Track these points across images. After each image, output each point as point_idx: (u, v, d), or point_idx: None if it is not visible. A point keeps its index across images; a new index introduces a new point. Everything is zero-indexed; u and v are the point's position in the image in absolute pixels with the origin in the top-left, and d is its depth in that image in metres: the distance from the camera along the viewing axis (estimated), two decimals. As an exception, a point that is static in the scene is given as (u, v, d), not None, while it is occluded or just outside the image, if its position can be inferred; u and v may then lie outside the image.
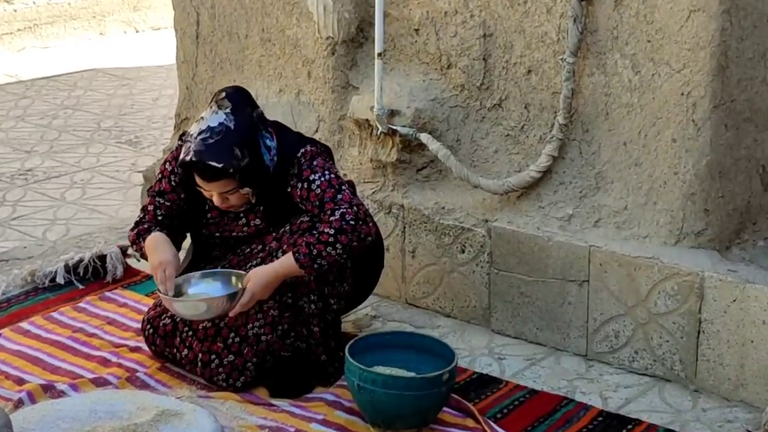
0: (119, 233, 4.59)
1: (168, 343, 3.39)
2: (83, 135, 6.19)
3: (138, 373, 3.36)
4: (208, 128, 3.17)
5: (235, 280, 3.30)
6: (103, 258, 4.12)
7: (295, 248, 3.17)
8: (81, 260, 4.10)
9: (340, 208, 3.17)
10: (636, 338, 3.39)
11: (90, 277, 4.10)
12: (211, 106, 3.22)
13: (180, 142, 3.34)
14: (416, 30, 3.81)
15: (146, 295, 3.95)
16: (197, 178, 3.21)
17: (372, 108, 3.78)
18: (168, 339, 3.38)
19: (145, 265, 3.73)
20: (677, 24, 3.23)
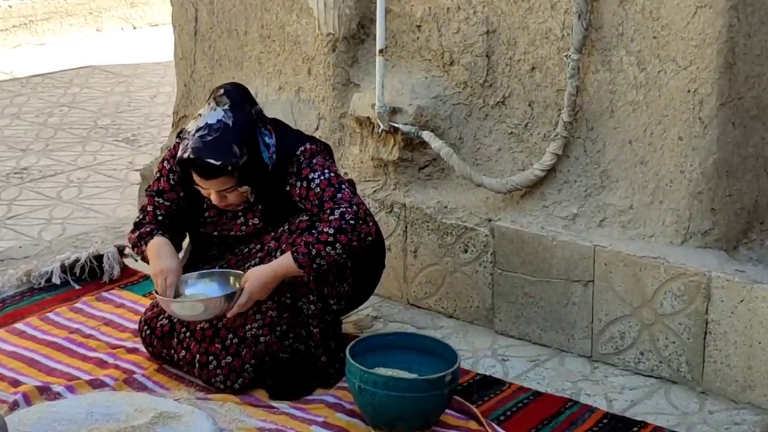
0: (116, 233, 4.59)
1: (165, 345, 3.38)
2: (79, 133, 6.19)
3: (135, 375, 3.36)
4: (206, 125, 3.17)
5: (232, 281, 3.30)
6: (99, 258, 4.12)
7: (293, 248, 3.17)
8: (77, 260, 4.10)
9: (340, 208, 3.17)
10: (642, 339, 3.39)
11: (86, 277, 4.10)
12: (209, 103, 3.22)
13: (178, 140, 3.34)
14: (418, 26, 3.81)
15: (143, 296, 3.94)
16: (195, 176, 3.21)
17: (373, 105, 3.78)
18: (165, 340, 3.38)
19: (143, 266, 3.74)
20: (684, 20, 3.23)
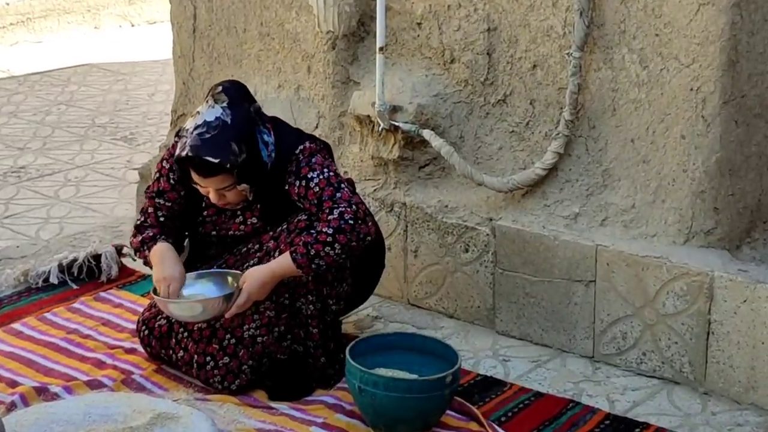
0: (114, 232, 4.60)
1: (164, 345, 3.40)
2: (77, 131, 6.20)
3: (133, 375, 3.37)
4: (205, 123, 3.18)
5: (231, 281, 3.31)
6: (97, 257, 4.13)
7: (292, 248, 3.17)
8: (75, 260, 4.11)
9: (339, 207, 3.18)
10: (644, 340, 3.40)
11: (84, 277, 4.11)
12: (207, 101, 3.23)
13: (176, 139, 3.35)
14: (419, 24, 3.82)
15: (142, 296, 3.95)
16: (193, 174, 3.22)
17: (373, 104, 3.79)
18: (164, 340, 3.39)
19: (141, 265, 3.75)
20: (686, 18, 3.24)
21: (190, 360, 3.31)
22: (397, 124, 3.78)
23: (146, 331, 3.43)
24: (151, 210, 3.40)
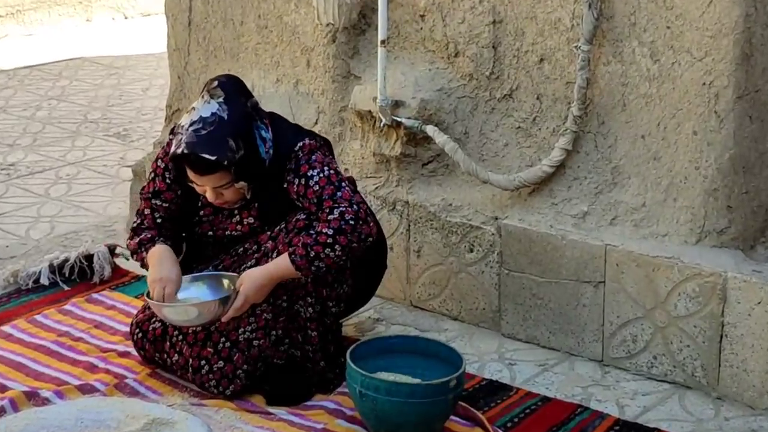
0: (107, 231, 4.61)
1: (158, 348, 3.39)
2: (69, 127, 6.20)
3: (127, 380, 3.37)
4: (200, 119, 3.17)
5: (227, 283, 3.30)
6: (89, 258, 4.13)
7: (291, 249, 3.17)
8: (66, 260, 4.11)
9: (340, 207, 3.17)
10: (655, 343, 3.39)
11: (76, 277, 4.11)
12: (203, 96, 3.22)
13: (171, 136, 3.34)
14: (422, 16, 3.81)
15: (135, 297, 3.95)
16: (189, 172, 3.21)
17: (375, 99, 3.79)
18: (158, 343, 3.39)
19: (135, 266, 3.75)
20: (698, 9, 3.23)
21: (185, 364, 3.31)
22: (399, 119, 3.77)
23: (140, 334, 3.43)
24: (147, 212, 3.40)
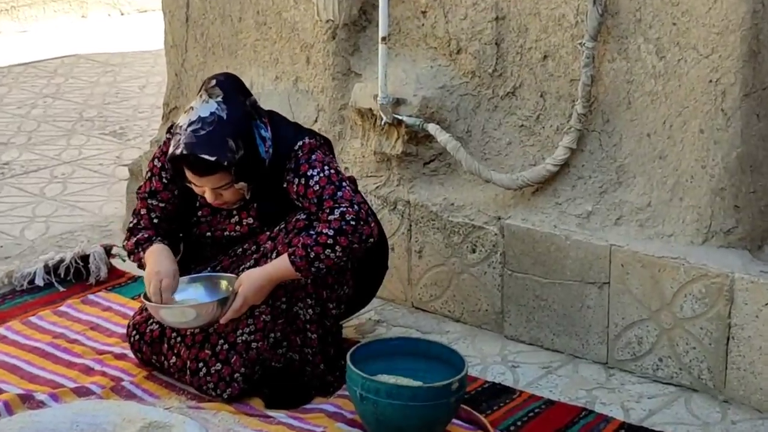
0: (103, 231, 4.61)
1: (155, 350, 3.40)
2: (64, 126, 6.21)
3: (123, 382, 3.37)
4: (199, 118, 3.17)
5: (225, 285, 3.30)
6: (85, 258, 4.13)
7: (290, 250, 3.17)
8: (62, 260, 4.11)
9: (340, 207, 3.17)
10: (660, 345, 3.39)
11: (71, 278, 4.11)
12: (201, 95, 3.22)
13: (168, 135, 3.34)
14: (423, 12, 3.82)
15: (132, 299, 3.96)
16: (188, 173, 3.21)
17: (375, 96, 3.79)
18: (155, 346, 3.39)
19: (131, 267, 3.75)
20: (705, 5, 3.23)
21: (182, 366, 3.31)
22: (400, 117, 3.77)
23: (137, 336, 3.43)
24: (144, 212, 3.40)
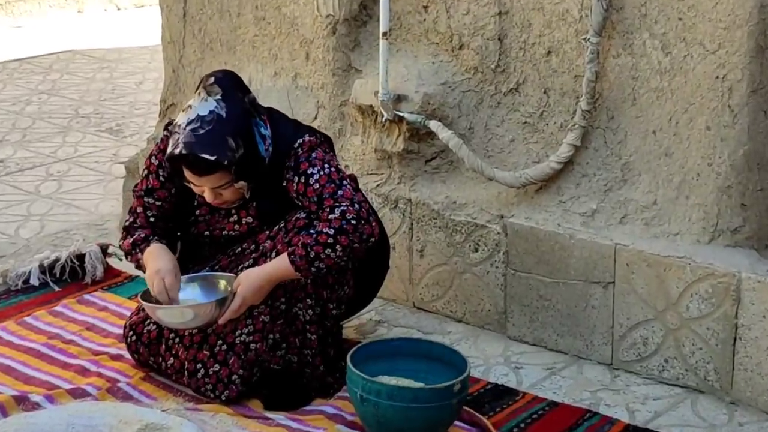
0: (99, 230, 4.61)
1: (152, 351, 3.40)
2: (59, 122, 6.21)
3: (119, 384, 3.37)
4: (198, 117, 3.17)
5: (224, 284, 3.30)
6: (81, 257, 4.13)
7: (290, 249, 3.17)
8: (57, 260, 4.11)
9: (341, 206, 3.17)
10: (666, 345, 3.40)
11: (67, 278, 4.11)
12: (200, 93, 3.22)
13: (166, 133, 3.34)
14: (425, 7, 3.82)
15: (128, 298, 3.96)
16: (187, 173, 3.21)
17: (376, 93, 3.79)
18: (152, 347, 3.39)
19: (128, 266, 3.75)
20: (711, 0, 3.23)
21: (180, 367, 3.31)
22: (401, 114, 3.77)
23: (134, 337, 3.43)
24: (140, 210, 3.40)
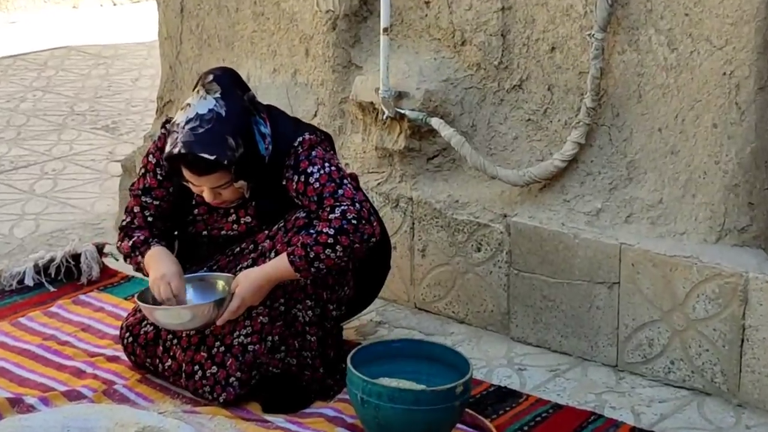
0: (95, 229, 4.61)
1: (149, 353, 3.39)
2: (55, 120, 6.20)
3: (116, 386, 3.37)
4: (197, 116, 3.17)
5: (222, 285, 3.30)
6: (76, 257, 4.13)
7: (289, 249, 3.17)
8: (52, 260, 4.11)
9: (341, 205, 3.17)
10: (672, 347, 3.40)
11: (62, 278, 4.11)
12: (198, 91, 3.22)
13: (163, 131, 3.34)
14: (426, 2, 3.81)
15: (125, 299, 3.96)
16: (186, 173, 3.21)
17: (377, 90, 3.79)
18: (149, 348, 3.39)
19: (123, 266, 3.75)
20: (719, -5, 3.24)
21: (178, 369, 3.31)
22: (403, 111, 3.77)
23: (130, 338, 3.43)
24: (137, 210, 3.40)
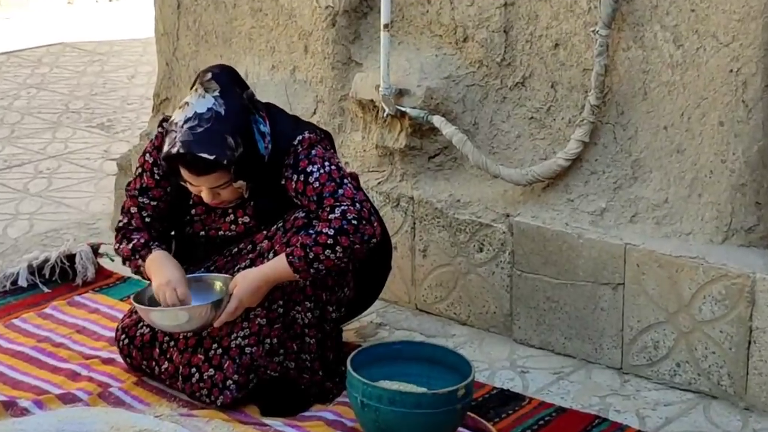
0: (90, 229, 4.61)
1: (146, 355, 3.39)
2: (49, 118, 6.21)
3: (111, 388, 3.37)
4: (196, 115, 3.16)
5: (219, 286, 3.30)
6: (71, 258, 4.13)
7: (288, 250, 3.17)
8: (47, 260, 4.11)
9: (341, 205, 3.17)
10: (678, 349, 3.39)
11: (57, 279, 4.11)
12: (197, 90, 3.21)
13: (161, 130, 3.34)
14: (428, -2, 3.82)
15: (120, 300, 3.96)
16: (185, 172, 3.20)
17: (377, 87, 3.79)
18: (146, 350, 3.39)
19: (119, 267, 3.75)
20: (725, -9, 3.24)
21: (174, 372, 3.31)
22: (403, 109, 3.77)
23: (126, 340, 3.43)
24: (134, 210, 3.40)
